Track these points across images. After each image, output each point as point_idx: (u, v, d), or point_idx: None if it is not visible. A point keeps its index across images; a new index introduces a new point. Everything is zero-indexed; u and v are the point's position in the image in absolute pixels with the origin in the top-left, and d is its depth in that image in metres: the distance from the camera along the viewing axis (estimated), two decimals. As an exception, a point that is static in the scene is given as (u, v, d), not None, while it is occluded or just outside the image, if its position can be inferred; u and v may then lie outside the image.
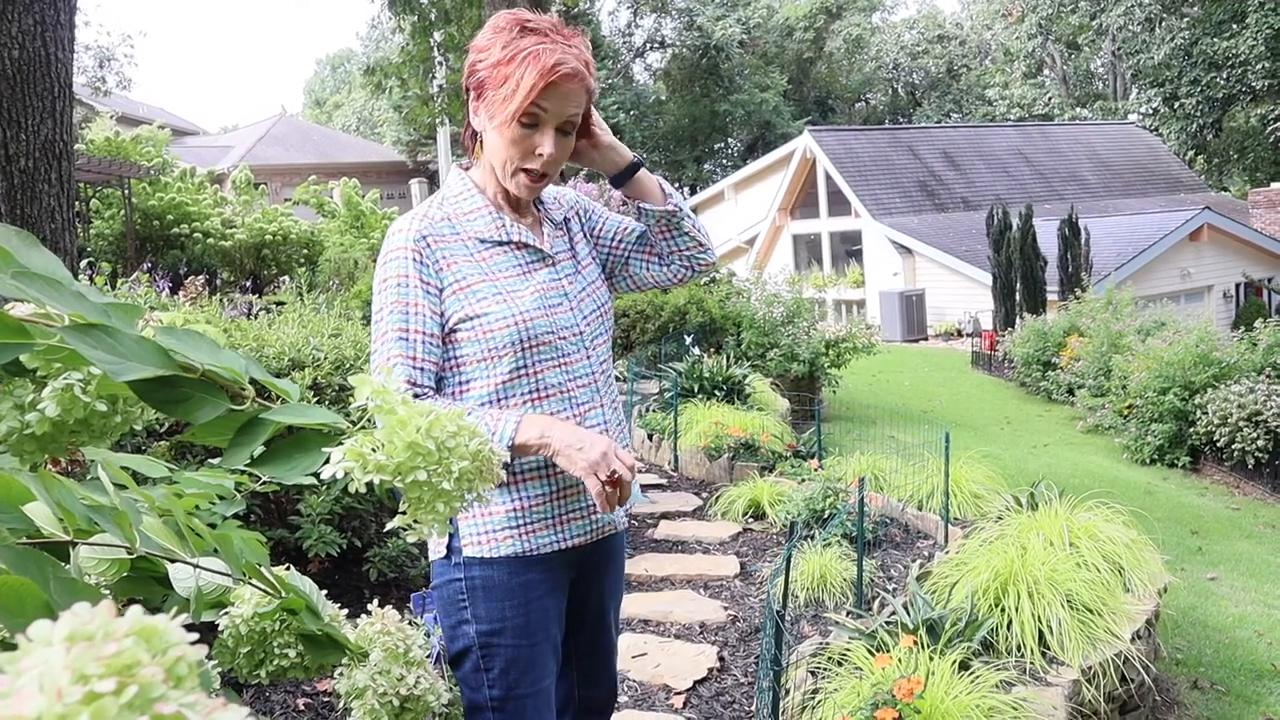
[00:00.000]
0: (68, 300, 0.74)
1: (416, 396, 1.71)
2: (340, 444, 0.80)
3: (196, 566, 1.08)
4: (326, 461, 0.80)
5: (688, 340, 9.37)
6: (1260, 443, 9.27)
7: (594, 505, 1.80)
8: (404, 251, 1.74)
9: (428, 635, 2.95)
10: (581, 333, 1.84)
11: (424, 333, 1.71)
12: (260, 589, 1.16)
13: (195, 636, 0.46)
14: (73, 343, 0.72)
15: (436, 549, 1.82)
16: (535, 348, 1.76)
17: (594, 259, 1.98)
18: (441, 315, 1.74)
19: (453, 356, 1.77)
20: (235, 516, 1.51)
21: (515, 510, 1.77)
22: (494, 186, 1.83)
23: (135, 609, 0.46)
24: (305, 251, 16.04)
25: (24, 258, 0.75)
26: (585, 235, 2.00)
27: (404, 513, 0.83)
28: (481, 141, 1.81)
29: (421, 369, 1.71)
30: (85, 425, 0.88)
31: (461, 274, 1.75)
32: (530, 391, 1.76)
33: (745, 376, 8.17)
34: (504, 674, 1.76)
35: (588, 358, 1.85)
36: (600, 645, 2.02)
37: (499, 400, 1.76)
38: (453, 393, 1.78)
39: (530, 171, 1.75)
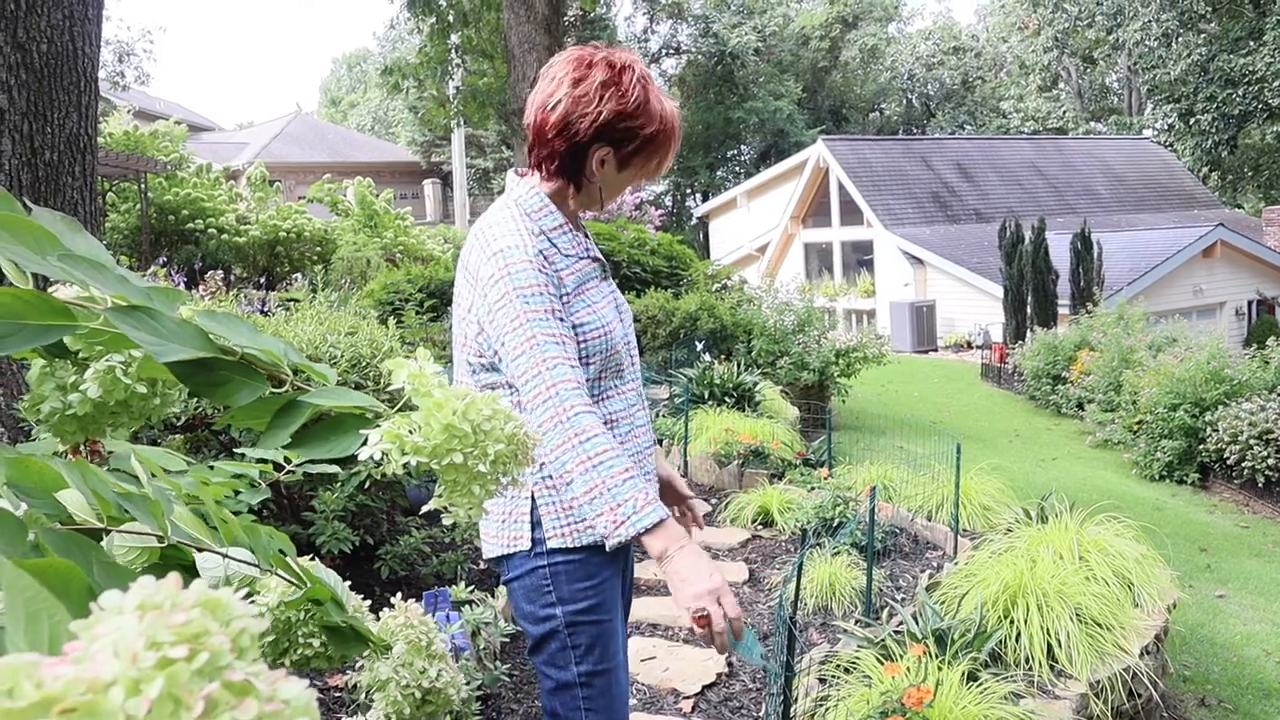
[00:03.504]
0: (112, 283, 0.75)
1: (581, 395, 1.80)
2: (376, 427, 0.81)
3: (225, 556, 1.09)
4: (363, 444, 0.81)
5: (698, 346, 9.37)
6: (1271, 461, 9.23)
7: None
8: (530, 264, 1.79)
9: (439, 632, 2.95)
10: (629, 343, 1.98)
11: (568, 336, 1.78)
12: (286, 579, 1.17)
13: (257, 610, 0.47)
14: (118, 324, 0.74)
15: (516, 543, 1.87)
16: (612, 354, 1.89)
17: None
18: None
19: None
20: (249, 511, 1.52)
21: None
22: (565, 204, 1.93)
23: (199, 582, 0.47)
24: (319, 249, 16.11)
25: (69, 242, 0.77)
26: None
27: (440, 495, 0.85)
28: (563, 164, 1.87)
29: (577, 367, 1.77)
30: (125, 407, 0.89)
31: (565, 286, 1.85)
32: (601, 394, 1.90)
33: (755, 384, 8.17)
34: (589, 650, 1.86)
35: (633, 364, 2.00)
36: (624, 614, 2.18)
37: None
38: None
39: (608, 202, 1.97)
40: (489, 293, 1.78)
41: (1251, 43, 28.86)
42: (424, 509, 0.95)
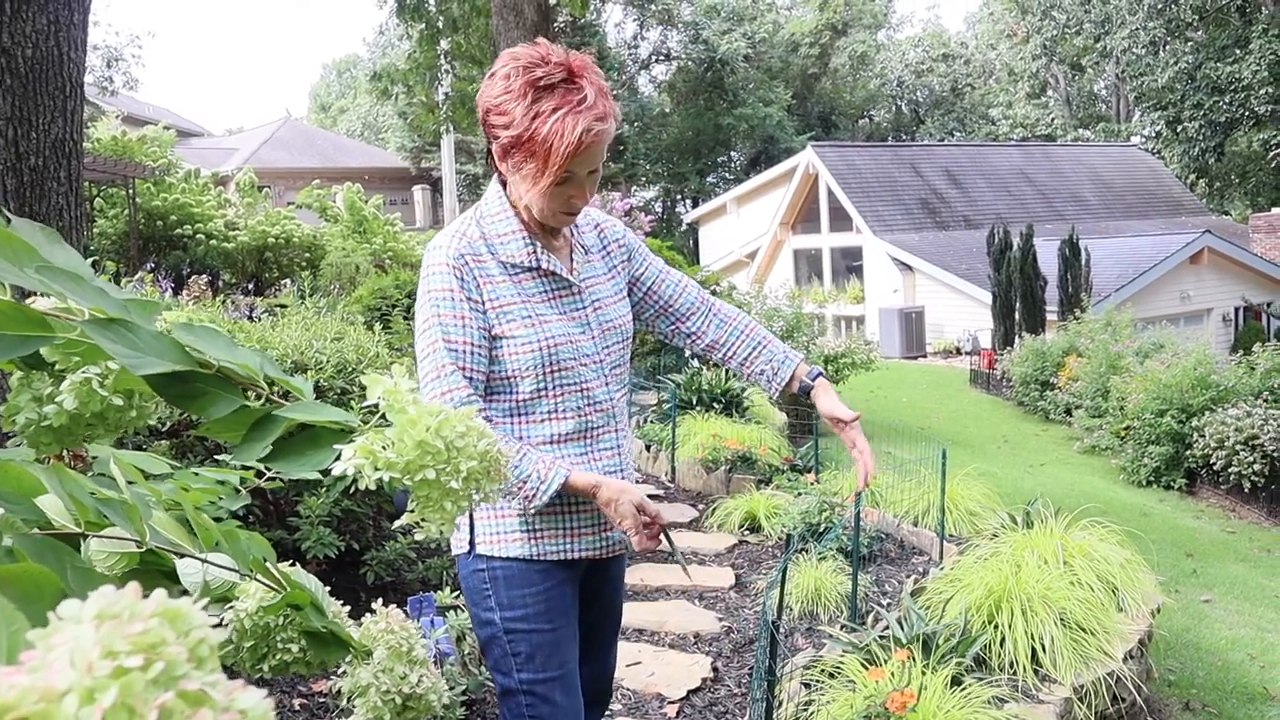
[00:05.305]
0: (89, 295, 0.76)
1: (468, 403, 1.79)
2: (351, 441, 0.82)
3: (205, 561, 1.10)
4: (338, 458, 0.82)
5: (687, 352, 9.38)
6: (1256, 466, 9.28)
7: (606, 523, 1.89)
8: (445, 267, 1.79)
9: (424, 638, 2.96)
10: (601, 361, 1.90)
11: (471, 343, 1.77)
12: (265, 584, 1.18)
13: (215, 620, 0.48)
14: (94, 336, 0.74)
15: (459, 544, 1.89)
16: (556, 372, 1.82)
17: (626, 294, 2.03)
18: (487, 328, 1.79)
19: None
20: (234, 516, 1.53)
21: (527, 516, 1.84)
22: (528, 212, 1.85)
23: (159, 592, 0.48)
24: (307, 255, 16.09)
25: (47, 253, 0.77)
26: (622, 269, 2.04)
27: (412, 510, 0.85)
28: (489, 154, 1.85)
29: (471, 378, 1.77)
30: (101, 419, 0.89)
31: (496, 295, 1.80)
32: (549, 412, 1.83)
33: (743, 389, 8.18)
34: (530, 658, 1.84)
35: (605, 385, 1.90)
36: (605, 629, 2.10)
37: (518, 416, 1.84)
38: None
39: (567, 213, 1.82)
40: (419, 289, 1.83)
41: (1238, 50, 29.04)
42: (396, 524, 0.96)
